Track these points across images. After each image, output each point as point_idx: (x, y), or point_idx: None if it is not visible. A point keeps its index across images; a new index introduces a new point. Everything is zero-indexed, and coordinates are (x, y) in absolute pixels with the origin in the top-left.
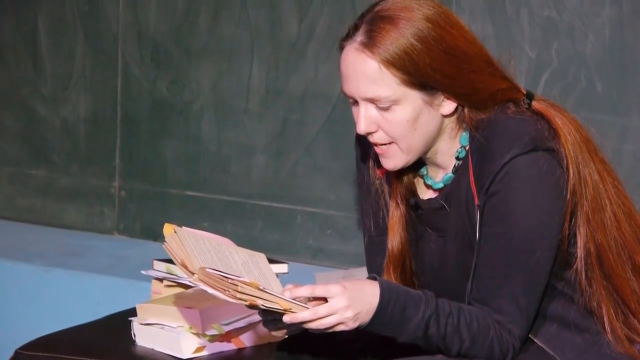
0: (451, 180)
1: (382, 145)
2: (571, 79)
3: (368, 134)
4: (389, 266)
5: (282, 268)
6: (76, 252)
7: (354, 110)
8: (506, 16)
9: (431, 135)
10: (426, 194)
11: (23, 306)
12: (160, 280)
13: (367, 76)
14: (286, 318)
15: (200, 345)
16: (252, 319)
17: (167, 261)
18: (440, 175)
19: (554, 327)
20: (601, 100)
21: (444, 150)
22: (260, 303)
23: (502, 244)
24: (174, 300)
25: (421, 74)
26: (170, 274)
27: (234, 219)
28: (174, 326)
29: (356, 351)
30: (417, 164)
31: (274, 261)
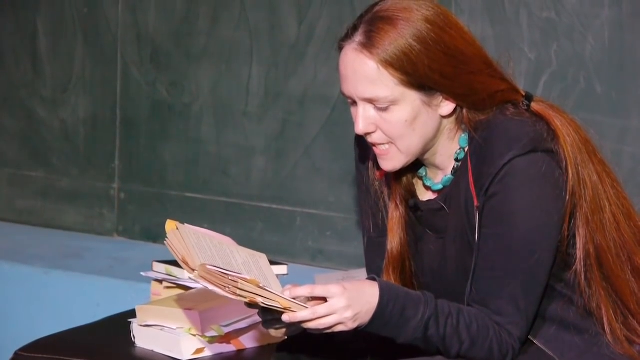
0: (450, 181)
1: (380, 146)
2: (570, 80)
3: (366, 134)
4: (388, 267)
5: (281, 269)
6: (76, 253)
7: (352, 110)
8: (505, 17)
9: (430, 136)
10: (425, 195)
11: (23, 308)
12: (160, 281)
13: (366, 76)
14: (285, 317)
15: (200, 346)
16: (252, 321)
17: (166, 263)
18: (439, 176)
19: (554, 328)
20: (600, 102)
21: (442, 152)
22: (259, 301)
23: (502, 245)
24: (173, 302)
25: (420, 75)
26: (170, 275)
27: (233, 221)
28: (174, 328)
29: (356, 352)
30: (416, 165)
31: (273, 263)
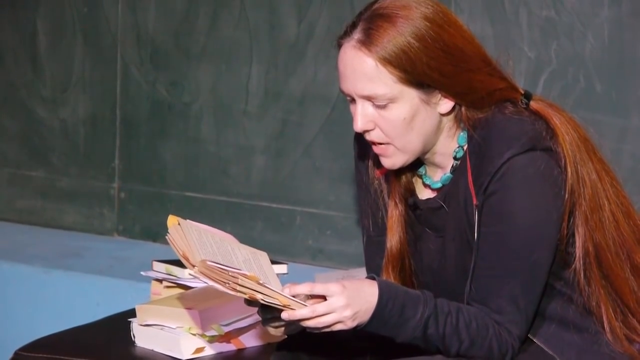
0: (449, 180)
1: (379, 144)
2: (570, 79)
3: (365, 131)
4: (387, 266)
5: (281, 269)
6: (76, 253)
7: (351, 108)
8: (505, 16)
9: (428, 134)
10: (425, 193)
11: (23, 307)
12: (160, 281)
13: (364, 74)
14: (284, 315)
15: (200, 346)
16: (252, 320)
17: (166, 262)
18: (438, 175)
19: (553, 327)
20: (600, 101)
21: (441, 150)
22: (259, 297)
23: (501, 243)
24: (173, 301)
25: (418, 72)
26: (170, 274)
27: (233, 220)
28: (174, 327)
29: (355, 351)
30: (416, 164)
31: (274, 262)
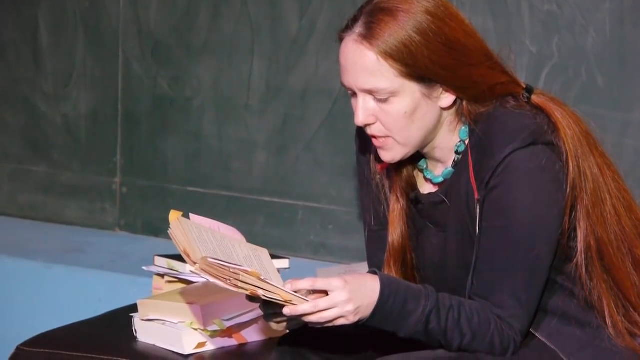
0: (451, 174)
1: (380, 138)
2: (572, 73)
3: (366, 125)
4: (389, 260)
5: (283, 263)
6: (77, 248)
7: (352, 101)
8: (507, 10)
9: (429, 128)
10: (426, 188)
11: (24, 303)
12: (162, 276)
13: (366, 68)
14: (286, 310)
15: (202, 341)
16: (253, 315)
17: (168, 257)
18: (439, 169)
19: (555, 321)
20: (602, 95)
21: (443, 144)
22: (261, 293)
23: (502, 238)
24: (175, 296)
25: (419, 66)
26: (172, 269)
27: (235, 215)
28: (175, 322)
29: (357, 346)
30: (417, 158)
31: (275, 257)
